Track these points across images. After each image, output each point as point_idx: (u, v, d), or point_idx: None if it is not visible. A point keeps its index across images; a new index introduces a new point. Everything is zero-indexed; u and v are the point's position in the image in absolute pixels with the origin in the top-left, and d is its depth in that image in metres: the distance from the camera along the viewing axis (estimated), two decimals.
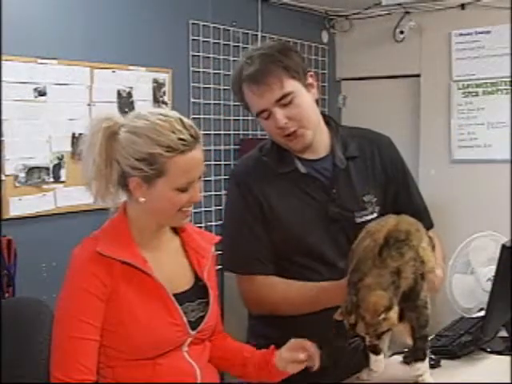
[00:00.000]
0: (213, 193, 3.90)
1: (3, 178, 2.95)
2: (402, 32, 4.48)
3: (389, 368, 1.73)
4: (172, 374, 1.51)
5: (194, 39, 3.87)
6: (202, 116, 3.91)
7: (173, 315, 1.52)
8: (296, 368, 1.60)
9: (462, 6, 4.27)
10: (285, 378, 1.81)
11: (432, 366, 1.84)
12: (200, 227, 1.79)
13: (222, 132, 4.08)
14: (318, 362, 1.58)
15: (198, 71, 3.91)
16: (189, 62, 3.85)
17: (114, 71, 3.40)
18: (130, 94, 3.49)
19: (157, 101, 3.63)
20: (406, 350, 1.71)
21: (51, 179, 3.14)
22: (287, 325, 1.78)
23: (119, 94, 3.44)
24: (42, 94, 3.09)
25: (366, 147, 1.87)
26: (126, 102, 3.47)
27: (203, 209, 3.82)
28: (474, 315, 2.24)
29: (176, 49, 3.78)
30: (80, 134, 3.22)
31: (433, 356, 1.91)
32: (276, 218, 1.78)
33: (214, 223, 3.89)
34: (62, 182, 3.18)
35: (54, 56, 3.12)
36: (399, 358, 1.85)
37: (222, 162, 4.04)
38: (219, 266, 1.79)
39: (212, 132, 3.97)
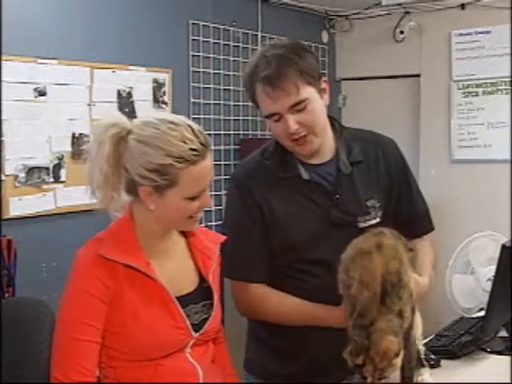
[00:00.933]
0: (213, 193, 3.89)
1: (3, 177, 2.95)
2: (402, 32, 4.48)
3: None
4: (174, 374, 1.51)
5: (194, 39, 3.87)
6: (202, 116, 3.91)
7: (175, 318, 1.51)
8: None
9: (462, 6, 4.27)
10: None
11: (432, 366, 1.84)
12: None
13: (221, 132, 4.08)
14: None
15: (198, 71, 3.91)
16: (189, 62, 3.86)
17: (114, 71, 3.40)
18: (130, 94, 3.49)
19: (157, 101, 3.64)
20: None
21: (51, 179, 3.14)
22: (285, 330, 1.78)
23: (119, 94, 3.44)
24: (42, 94, 3.09)
25: (370, 150, 1.84)
26: (126, 101, 3.47)
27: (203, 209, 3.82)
28: (474, 315, 2.24)
29: (176, 49, 3.79)
30: (80, 134, 3.22)
31: (433, 356, 1.91)
32: (277, 222, 1.76)
33: (214, 223, 3.89)
34: (62, 182, 3.18)
35: (54, 56, 3.12)
36: None
37: (222, 162, 4.04)
38: None
39: (212, 132, 3.97)
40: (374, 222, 1.80)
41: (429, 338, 2.07)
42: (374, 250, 1.54)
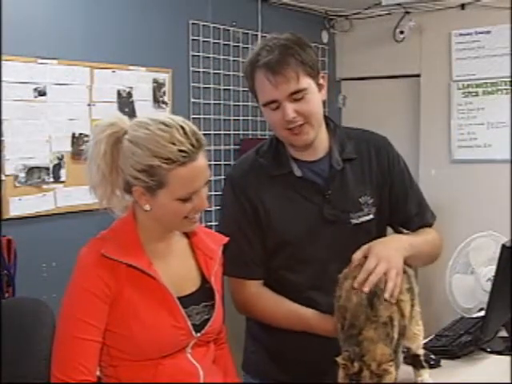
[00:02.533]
0: (213, 193, 3.88)
1: (3, 177, 2.95)
2: (402, 32, 4.48)
3: None
4: (175, 374, 1.51)
5: (194, 39, 3.87)
6: (201, 116, 3.91)
7: (177, 318, 1.51)
8: None
9: (462, 6, 4.27)
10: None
11: (432, 366, 1.84)
12: None
13: (221, 132, 4.08)
14: None
15: (198, 71, 3.91)
16: (189, 62, 3.86)
17: (114, 71, 3.40)
18: (129, 94, 3.49)
19: (157, 101, 3.64)
20: (405, 350, 1.71)
21: (51, 179, 3.14)
22: (282, 334, 1.78)
23: (119, 94, 3.44)
24: (42, 93, 3.09)
25: (363, 148, 1.85)
26: (126, 101, 3.47)
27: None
28: (474, 315, 2.25)
29: (176, 49, 3.79)
30: (80, 134, 3.22)
31: (433, 356, 1.91)
32: (271, 220, 1.77)
33: (214, 223, 3.88)
34: (62, 182, 3.18)
35: (54, 56, 3.12)
36: None
37: (222, 162, 4.04)
38: None
39: (212, 132, 3.97)
40: (367, 218, 1.81)
41: (429, 338, 2.07)
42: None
